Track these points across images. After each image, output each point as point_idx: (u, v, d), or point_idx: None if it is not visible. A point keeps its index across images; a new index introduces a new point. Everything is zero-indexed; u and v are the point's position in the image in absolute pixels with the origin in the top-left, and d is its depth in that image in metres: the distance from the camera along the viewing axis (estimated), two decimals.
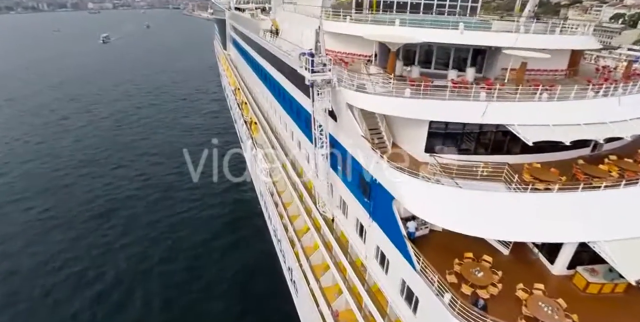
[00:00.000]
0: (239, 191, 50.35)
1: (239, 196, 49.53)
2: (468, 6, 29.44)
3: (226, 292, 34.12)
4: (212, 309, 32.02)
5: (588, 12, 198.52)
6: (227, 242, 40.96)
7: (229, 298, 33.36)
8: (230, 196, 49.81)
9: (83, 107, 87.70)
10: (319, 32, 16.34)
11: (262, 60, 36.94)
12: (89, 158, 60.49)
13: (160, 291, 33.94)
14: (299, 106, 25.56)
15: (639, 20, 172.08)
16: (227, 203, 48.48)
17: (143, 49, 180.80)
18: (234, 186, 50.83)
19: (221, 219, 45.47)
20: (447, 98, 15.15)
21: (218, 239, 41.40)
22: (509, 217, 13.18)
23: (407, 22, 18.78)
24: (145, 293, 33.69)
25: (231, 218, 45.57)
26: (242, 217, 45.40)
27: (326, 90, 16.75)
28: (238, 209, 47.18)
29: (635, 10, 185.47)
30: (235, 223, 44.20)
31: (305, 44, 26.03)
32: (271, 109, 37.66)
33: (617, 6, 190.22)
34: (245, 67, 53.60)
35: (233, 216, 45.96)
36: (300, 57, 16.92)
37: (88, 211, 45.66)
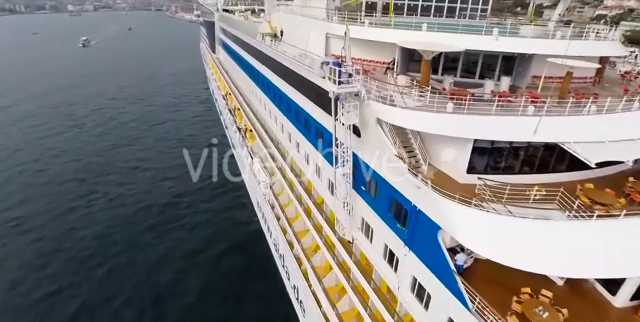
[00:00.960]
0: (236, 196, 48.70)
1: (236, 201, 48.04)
2: (479, 9, 28.18)
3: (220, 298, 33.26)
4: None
5: (571, 13, 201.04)
6: (222, 249, 39.67)
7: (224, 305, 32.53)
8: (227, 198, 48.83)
9: (62, 114, 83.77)
10: (346, 38, 14.46)
11: (261, 66, 34.88)
12: (75, 167, 57.47)
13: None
14: (307, 117, 23.68)
15: (620, 22, 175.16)
16: (220, 210, 46.94)
17: (126, 53, 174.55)
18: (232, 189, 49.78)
19: (217, 226, 43.91)
20: (493, 113, 13.48)
21: (212, 247, 39.91)
22: (583, 250, 11.55)
23: (436, 27, 17.10)
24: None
25: (228, 225, 44.09)
26: (238, 224, 43.77)
27: (353, 104, 14.93)
28: (233, 217, 45.43)
29: (616, 11, 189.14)
30: (229, 232, 42.58)
31: (313, 48, 24.18)
32: (271, 118, 35.61)
33: (599, 7, 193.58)
34: (239, 72, 51.33)
35: (229, 223, 44.45)
36: (323, 66, 15.03)
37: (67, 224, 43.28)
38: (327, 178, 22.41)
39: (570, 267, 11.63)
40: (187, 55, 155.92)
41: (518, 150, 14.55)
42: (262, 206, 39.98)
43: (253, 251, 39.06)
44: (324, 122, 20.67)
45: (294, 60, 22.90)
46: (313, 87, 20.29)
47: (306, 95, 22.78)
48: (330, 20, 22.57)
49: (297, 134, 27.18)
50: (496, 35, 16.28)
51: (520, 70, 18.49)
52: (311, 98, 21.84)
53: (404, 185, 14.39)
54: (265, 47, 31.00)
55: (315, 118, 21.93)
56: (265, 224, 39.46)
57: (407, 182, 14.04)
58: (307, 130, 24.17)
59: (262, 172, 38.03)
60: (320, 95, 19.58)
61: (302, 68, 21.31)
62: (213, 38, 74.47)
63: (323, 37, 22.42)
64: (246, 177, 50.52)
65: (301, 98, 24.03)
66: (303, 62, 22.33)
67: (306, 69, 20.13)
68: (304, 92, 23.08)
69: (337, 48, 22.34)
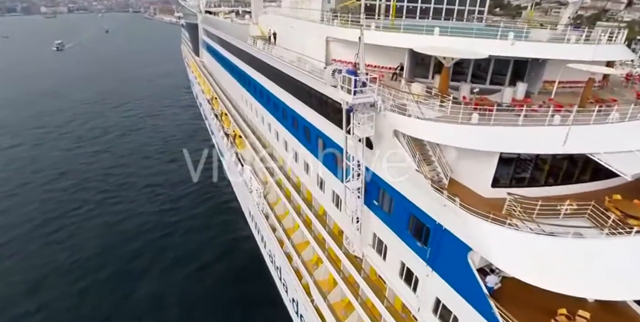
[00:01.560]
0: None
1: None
2: (476, 11, 27.65)
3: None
4: None
5: (548, 14, 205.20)
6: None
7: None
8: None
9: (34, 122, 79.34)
10: (360, 44, 13.37)
11: (253, 71, 33.47)
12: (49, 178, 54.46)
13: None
14: (308, 126, 22.51)
15: (596, 21, 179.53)
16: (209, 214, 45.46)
17: (103, 56, 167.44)
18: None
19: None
20: (520, 124, 12.63)
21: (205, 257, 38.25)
22: (627, 269, 10.79)
23: (449, 31, 16.21)
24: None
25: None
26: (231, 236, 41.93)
27: (368, 115, 13.87)
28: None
29: (592, 11, 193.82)
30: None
31: (311, 52, 23.02)
32: (263, 124, 34.28)
33: None
34: (226, 76, 49.69)
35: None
36: (334, 74, 13.93)
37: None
38: (330, 190, 21.32)
39: (616, 289, 10.86)
40: (168, 57, 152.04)
41: (543, 162, 13.77)
42: (254, 215, 38.62)
43: (244, 261, 37.78)
44: (328, 132, 19.58)
45: (294, 66, 21.72)
46: (317, 95, 19.20)
47: (307, 104, 21.62)
48: (330, 23, 21.46)
49: (295, 143, 26.03)
50: (512, 39, 15.49)
51: (533, 75, 17.77)
52: (314, 106, 20.69)
53: (426, 201, 13.43)
54: (258, 52, 29.67)
55: (318, 128, 20.81)
56: (259, 234, 38.12)
57: (429, 198, 13.09)
58: (306, 139, 23.04)
59: (254, 180, 36.69)
60: (326, 104, 18.50)
61: (305, 75, 20.11)
62: (196, 40, 72.34)
63: (323, 40, 21.31)
64: (235, 183, 49.12)
65: (300, 106, 22.86)
66: (301, 67, 21.23)
67: (312, 76, 18.90)
68: (305, 99, 21.90)
69: (338, 52, 21.36)
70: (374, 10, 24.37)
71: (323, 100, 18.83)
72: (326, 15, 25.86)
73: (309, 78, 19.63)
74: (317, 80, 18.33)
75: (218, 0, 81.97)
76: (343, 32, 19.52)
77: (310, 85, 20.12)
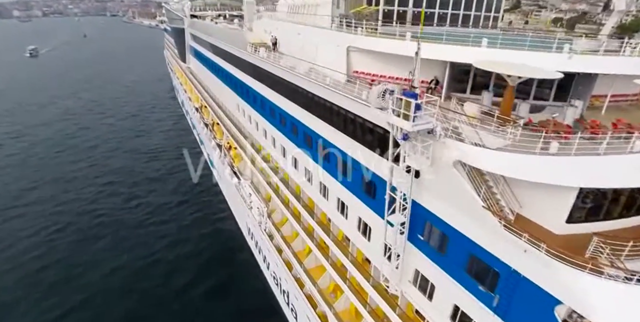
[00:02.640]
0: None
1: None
2: (491, 17, 26.16)
3: None
4: None
5: (529, 17, 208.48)
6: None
7: None
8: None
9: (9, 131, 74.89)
10: (416, 59, 11.35)
11: (254, 81, 31.09)
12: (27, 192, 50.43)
13: None
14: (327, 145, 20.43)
15: (576, 24, 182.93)
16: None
17: (82, 62, 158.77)
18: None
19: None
20: (602, 153, 10.84)
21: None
22: None
23: (499, 43, 14.39)
24: None
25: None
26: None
27: (425, 144, 11.89)
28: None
29: (571, 14, 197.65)
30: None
31: (327, 62, 20.98)
32: (266, 138, 31.93)
33: (555, 11, 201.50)
34: (218, 85, 47.13)
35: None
36: (384, 95, 11.89)
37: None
38: (355, 216, 19.25)
39: None
40: (149, 63, 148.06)
41: (621, 193, 12.05)
42: (254, 234, 36.28)
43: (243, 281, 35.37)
44: (355, 155, 17.56)
45: (312, 79, 19.60)
46: (344, 113, 17.20)
47: (330, 122, 19.41)
48: (352, 30, 19.46)
49: (307, 161, 23.91)
50: (569, 52, 13.77)
51: (580, 90, 16.12)
52: (338, 126, 18.55)
53: (494, 241, 11.51)
54: (262, 61, 27.42)
55: (341, 148, 18.72)
56: (260, 254, 35.76)
57: (499, 239, 11.18)
58: (326, 161, 20.91)
59: (255, 196, 34.41)
60: (355, 124, 16.50)
61: (332, 91, 17.84)
62: (182, 46, 69.34)
63: (343, 50, 19.28)
64: (230, 197, 46.66)
65: (320, 123, 20.64)
66: (319, 79, 19.18)
67: (342, 94, 16.61)
68: (326, 117, 19.67)
69: (361, 63, 19.37)
70: (391, 17, 22.47)
71: (352, 120, 16.84)
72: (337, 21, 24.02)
73: (337, 95, 17.51)
74: (348, 98, 16.22)
75: (203, 4, 79.47)
76: (371, 42, 17.52)
77: (334, 102, 18.07)
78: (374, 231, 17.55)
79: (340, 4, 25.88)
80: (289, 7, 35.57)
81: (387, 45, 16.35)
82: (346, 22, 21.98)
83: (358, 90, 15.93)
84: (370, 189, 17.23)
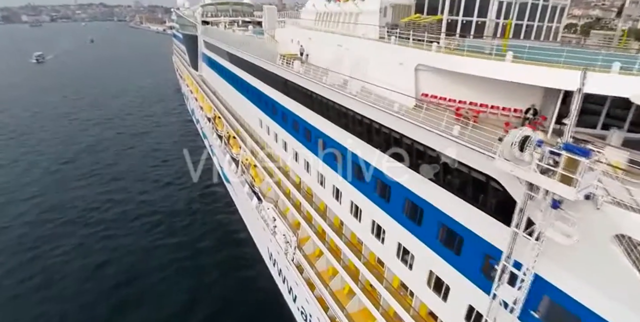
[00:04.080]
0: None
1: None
2: (553, 27, 22.88)
3: None
4: None
5: None
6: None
7: None
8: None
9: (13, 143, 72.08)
10: (577, 97, 7.99)
11: (286, 98, 27.53)
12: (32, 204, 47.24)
13: None
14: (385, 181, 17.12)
15: (590, 30, 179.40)
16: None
17: (88, 68, 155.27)
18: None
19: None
20: None
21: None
22: None
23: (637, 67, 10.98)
24: None
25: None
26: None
27: (579, 214, 8.51)
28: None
29: (585, 20, 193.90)
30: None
31: (378, 81, 17.77)
32: (297, 161, 28.30)
33: (568, 16, 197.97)
34: (236, 97, 43.73)
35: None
36: (523, 147, 8.45)
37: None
38: (425, 270, 15.76)
39: None
40: (157, 69, 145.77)
41: None
42: (278, 261, 32.89)
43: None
44: (443, 207, 14.20)
45: (380, 107, 16.02)
46: (430, 154, 13.77)
47: (399, 159, 15.91)
48: (423, 45, 16.12)
49: (352, 192, 20.58)
50: None
51: None
52: (422, 170, 14.75)
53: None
54: (298, 77, 23.93)
55: (431, 201, 14.95)
56: (285, 284, 32.37)
57: None
58: (385, 201, 17.46)
59: (281, 222, 31.07)
60: (454, 174, 13.00)
61: (417, 127, 13.98)
62: (195, 53, 66.41)
63: (410, 69, 15.97)
64: (247, 216, 43.38)
65: (383, 160, 17.14)
66: (383, 104, 15.84)
67: (447, 137, 12.61)
68: (398, 155, 16.00)
69: (431, 86, 16.05)
70: (454, 28, 19.16)
71: (438, 161, 13.44)
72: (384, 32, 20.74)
73: (417, 128, 13.97)
74: (442, 136, 12.63)
75: (215, 10, 76.60)
76: (454, 62, 14.10)
77: (410, 136, 14.61)
78: (454, 288, 14.13)
79: (387, 12, 22.66)
80: (318, 15, 32.37)
81: (481, 67, 12.91)
82: (398, 34, 18.77)
83: (446, 124, 12.50)
84: (448, 242, 13.83)
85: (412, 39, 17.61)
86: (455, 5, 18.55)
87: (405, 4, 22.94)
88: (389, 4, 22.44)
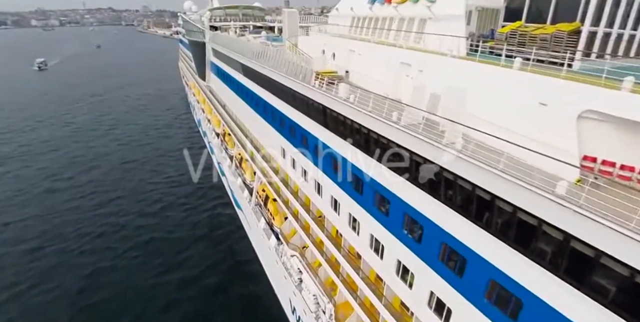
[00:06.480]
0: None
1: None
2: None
3: None
4: None
5: None
6: None
7: None
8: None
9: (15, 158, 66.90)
10: None
11: (330, 135, 20.36)
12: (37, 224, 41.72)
13: None
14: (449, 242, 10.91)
15: None
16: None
17: (93, 77, 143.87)
18: None
19: None
20: None
21: None
22: None
23: None
24: None
25: None
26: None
27: None
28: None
29: None
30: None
31: (549, 143, 10.75)
32: (320, 196, 22.11)
33: None
34: (252, 117, 36.34)
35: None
36: None
37: None
38: None
39: None
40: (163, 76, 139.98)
41: None
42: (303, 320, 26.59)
43: None
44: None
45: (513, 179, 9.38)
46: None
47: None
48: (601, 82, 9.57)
49: (394, 242, 14.34)
50: None
51: None
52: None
53: None
54: (357, 112, 16.87)
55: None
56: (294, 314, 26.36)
57: None
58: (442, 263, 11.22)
59: (310, 278, 24.82)
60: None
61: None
62: (202, 61, 60.35)
63: (570, 116, 9.42)
64: (262, 252, 37.19)
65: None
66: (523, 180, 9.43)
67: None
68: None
69: (605, 146, 9.53)
70: (593, 43, 12.71)
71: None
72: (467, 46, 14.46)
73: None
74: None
75: (224, 14, 70.75)
76: None
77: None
78: None
79: (472, 18, 16.34)
80: (355, 20, 26.14)
81: None
82: (489, 50, 12.52)
83: None
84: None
85: (533, 60, 11.35)
86: (603, 12, 12.09)
87: (493, 7, 16.67)
88: (474, 8, 16.12)
